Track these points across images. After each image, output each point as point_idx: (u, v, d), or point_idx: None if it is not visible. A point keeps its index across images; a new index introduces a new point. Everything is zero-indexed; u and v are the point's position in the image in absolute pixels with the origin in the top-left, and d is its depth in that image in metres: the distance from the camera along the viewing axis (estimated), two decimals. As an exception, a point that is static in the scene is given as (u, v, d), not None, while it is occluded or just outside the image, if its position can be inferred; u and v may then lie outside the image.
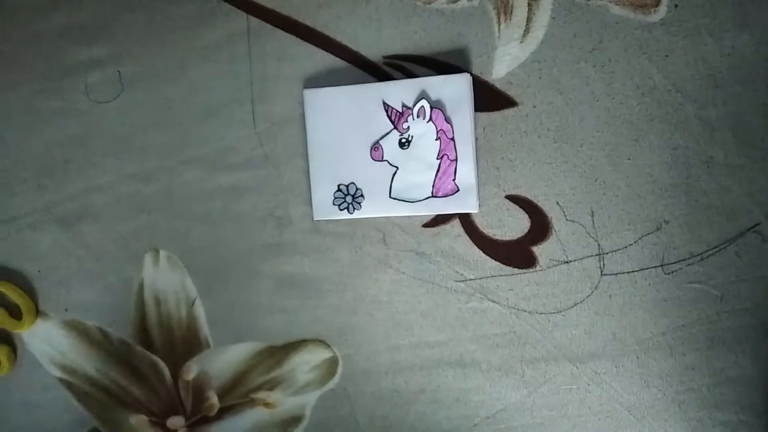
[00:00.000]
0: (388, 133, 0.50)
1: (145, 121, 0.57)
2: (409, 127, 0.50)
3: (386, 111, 0.50)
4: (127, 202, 0.58)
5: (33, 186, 0.60)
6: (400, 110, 0.50)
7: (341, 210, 0.52)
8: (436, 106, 0.49)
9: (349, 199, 0.52)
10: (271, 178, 0.55)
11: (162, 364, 0.59)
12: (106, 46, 0.57)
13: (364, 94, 0.50)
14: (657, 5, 0.47)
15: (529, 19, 0.49)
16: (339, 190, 0.52)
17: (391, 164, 0.50)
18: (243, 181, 0.55)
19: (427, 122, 0.49)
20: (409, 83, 0.50)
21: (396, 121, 0.50)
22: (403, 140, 0.50)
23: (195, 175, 0.56)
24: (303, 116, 0.53)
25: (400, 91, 0.50)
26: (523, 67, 0.49)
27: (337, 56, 0.52)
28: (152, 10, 0.56)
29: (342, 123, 0.51)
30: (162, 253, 0.58)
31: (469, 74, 0.49)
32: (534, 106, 0.49)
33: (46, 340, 0.62)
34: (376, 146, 0.50)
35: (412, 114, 0.49)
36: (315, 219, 0.53)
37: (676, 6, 0.46)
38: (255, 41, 0.54)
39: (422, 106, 0.49)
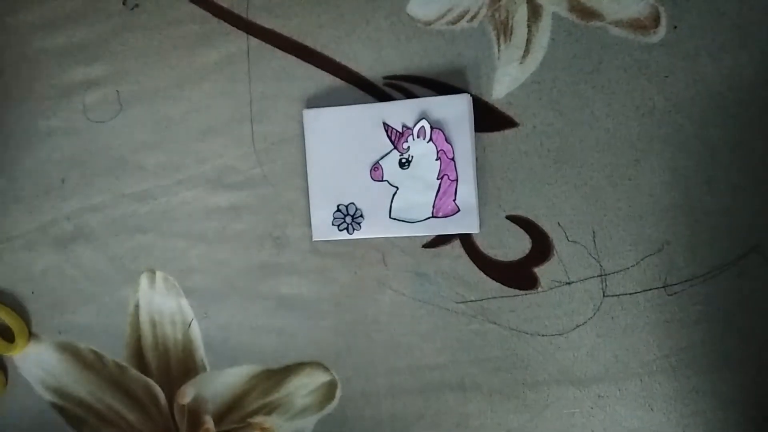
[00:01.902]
0: (388, 153, 0.50)
1: (143, 141, 0.57)
2: (409, 147, 0.49)
3: (386, 131, 0.50)
4: (124, 222, 0.57)
5: (28, 206, 0.60)
6: (400, 130, 0.50)
7: (341, 230, 0.51)
8: (437, 126, 0.49)
9: (348, 219, 0.51)
10: (270, 198, 0.54)
11: (157, 388, 0.58)
12: (105, 65, 0.57)
13: (364, 115, 0.50)
14: (656, 26, 0.47)
15: (528, 41, 0.49)
16: (338, 210, 0.51)
17: (391, 184, 0.50)
18: (241, 200, 0.55)
19: (428, 142, 0.49)
20: (410, 103, 0.49)
21: (396, 141, 0.50)
22: (404, 160, 0.50)
23: (192, 195, 0.56)
24: (302, 136, 0.53)
25: (400, 112, 0.50)
26: (523, 87, 0.49)
27: (337, 76, 0.52)
28: (152, 29, 0.56)
29: (341, 143, 0.51)
30: (158, 273, 0.57)
31: (469, 95, 0.49)
32: (534, 127, 0.49)
33: (38, 364, 0.61)
34: (376, 166, 0.50)
35: (413, 134, 0.49)
36: (314, 239, 0.52)
37: (675, 27, 0.47)
38: (255, 61, 0.54)
39: (422, 126, 0.49)
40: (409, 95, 0.51)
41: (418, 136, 0.49)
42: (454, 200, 0.49)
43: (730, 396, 0.48)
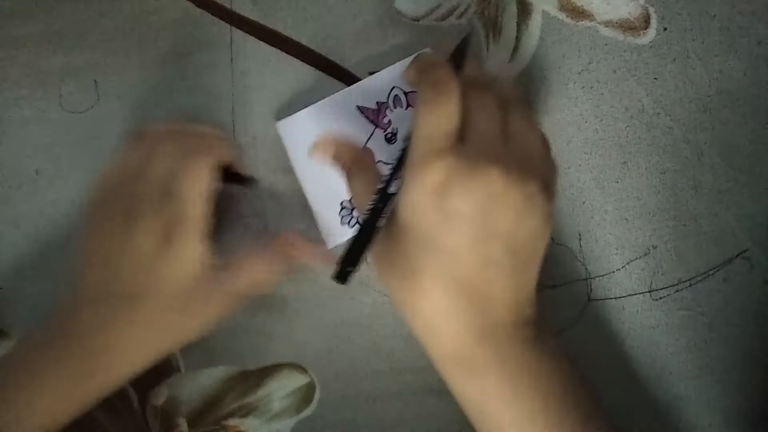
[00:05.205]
0: (372, 135, 0.49)
1: (121, 133, 0.55)
2: (390, 120, 0.48)
3: (363, 113, 0.49)
4: (99, 217, 0.56)
5: (0, 198, 0.58)
6: (376, 107, 0.48)
7: (351, 226, 0.50)
8: (411, 90, 0.48)
9: (355, 212, 0.49)
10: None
11: (129, 389, 0.56)
12: (83, 54, 0.55)
13: (337, 105, 0.49)
14: (646, 28, 0.47)
15: (517, 39, 0.48)
16: (343, 207, 0.50)
17: (385, 163, 0.49)
18: (221, 196, 0.53)
19: (406, 109, 0.48)
20: (377, 78, 0.48)
21: (375, 120, 0.48)
22: (389, 135, 0.48)
23: (171, 190, 0.54)
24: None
25: (371, 90, 0.48)
26: (511, 86, 0.49)
27: (323, 71, 0.51)
28: (132, 19, 0.54)
29: None
30: (133, 270, 0.55)
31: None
32: (521, 127, 0.49)
33: (6, 362, 0.59)
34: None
35: (389, 106, 0.48)
36: (330, 248, 0.50)
37: (665, 29, 0.46)
38: (238, 53, 0.53)
39: (396, 95, 0.48)
40: (396, 92, 0.50)
41: (395, 107, 0.48)
42: None
43: (714, 402, 0.48)
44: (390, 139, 0.48)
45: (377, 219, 0.38)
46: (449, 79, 0.37)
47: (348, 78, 0.51)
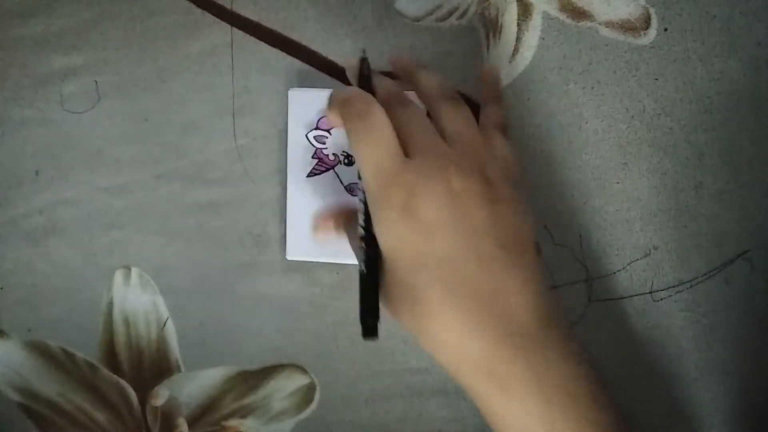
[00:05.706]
0: (338, 175, 0.49)
1: (121, 133, 0.55)
2: (333, 152, 0.49)
3: (315, 174, 0.49)
4: (99, 217, 0.56)
5: (0, 198, 0.58)
6: (316, 159, 0.49)
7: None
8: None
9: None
10: (250, 195, 0.53)
11: (129, 389, 0.56)
12: (84, 54, 0.55)
13: (300, 191, 0.50)
14: (647, 28, 0.46)
15: (518, 40, 0.48)
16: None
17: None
18: (221, 196, 0.53)
19: (327, 130, 0.49)
20: (292, 151, 0.50)
21: (327, 164, 0.49)
22: (345, 160, 0.49)
23: (171, 190, 0.54)
24: (282, 133, 0.51)
25: (298, 157, 0.49)
26: (511, 88, 0.49)
27: (324, 72, 0.51)
28: (133, 19, 0.54)
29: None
30: (134, 270, 0.55)
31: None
32: (522, 129, 0.49)
33: (5, 362, 0.59)
34: (350, 189, 0.49)
35: (319, 145, 0.49)
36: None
37: (666, 30, 0.46)
38: (238, 54, 0.53)
39: (314, 136, 0.49)
40: (396, 92, 0.50)
41: (324, 138, 0.49)
42: None
43: (715, 404, 0.48)
44: (348, 161, 0.48)
45: (375, 265, 0.37)
46: (370, 105, 0.37)
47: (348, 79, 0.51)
